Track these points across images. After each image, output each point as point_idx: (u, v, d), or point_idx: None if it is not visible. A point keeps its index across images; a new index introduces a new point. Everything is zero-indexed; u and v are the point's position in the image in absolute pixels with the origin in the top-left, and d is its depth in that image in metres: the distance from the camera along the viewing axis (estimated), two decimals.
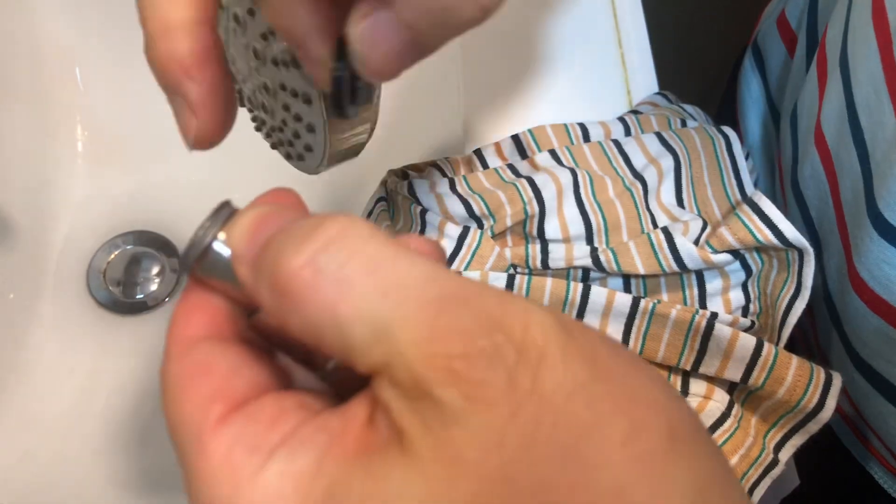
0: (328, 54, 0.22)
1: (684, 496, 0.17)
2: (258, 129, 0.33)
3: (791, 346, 0.43)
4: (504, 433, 0.16)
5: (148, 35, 0.23)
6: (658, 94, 0.51)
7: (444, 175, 0.45)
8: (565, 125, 0.47)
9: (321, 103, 0.26)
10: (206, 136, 0.24)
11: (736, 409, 0.41)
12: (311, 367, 0.22)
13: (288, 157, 0.30)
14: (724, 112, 0.61)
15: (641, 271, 0.41)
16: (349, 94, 0.23)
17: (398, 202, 0.46)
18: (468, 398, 0.16)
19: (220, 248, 0.21)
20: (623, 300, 0.40)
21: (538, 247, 0.42)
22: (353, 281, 0.17)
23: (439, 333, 0.16)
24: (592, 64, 0.52)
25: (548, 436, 0.16)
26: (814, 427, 0.40)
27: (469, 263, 0.42)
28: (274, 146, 0.31)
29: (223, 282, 0.21)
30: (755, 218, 0.41)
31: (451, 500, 0.16)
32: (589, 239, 0.43)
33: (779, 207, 0.41)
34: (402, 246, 0.18)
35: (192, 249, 0.21)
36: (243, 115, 0.26)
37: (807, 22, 0.46)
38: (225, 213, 0.21)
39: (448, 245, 0.42)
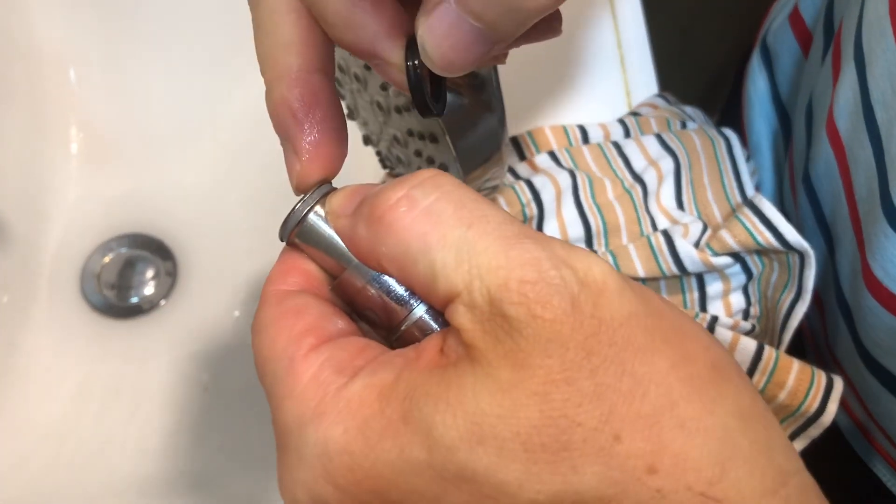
0: (396, 54, 0.23)
1: (730, 418, 0.19)
2: None
3: (800, 347, 0.43)
4: (566, 345, 0.18)
5: (265, 83, 0.24)
6: (658, 95, 0.51)
7: None
8: (564, 127, 0.47)
9: (446, 138, 0.27)
10: (308, 182, 0.25)
11: None
12: (382, 332, 0.23)
13: None
14: (729, 111, 0.60)
15: (641, 274, 0.41)
16: (428, 90, 0.23)
17: None
18: (535, 315, 0.18)
19: (317, 218, 0.23)
20: None
21: None
22: (442, 212, 0.20)
23: (514, 262, 0.19)
24: (592, 65, 0.52)
25: (605, 351, 0.18)
26: (815, 431, 0.40)
27: None
28: None
29: (317, 249, 0.23)
30: (755, 220, 0.41)
31: (519, 398, 0.18)
32: (588, 241, 0.42)
33: (788, 205, 0.41)
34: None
35: (291, 218, 0.24)
36: (235, 124, 0.26)
37: (824, 19, 0.46)
38: (323, 190, 0.24)
39: None
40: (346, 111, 0.44)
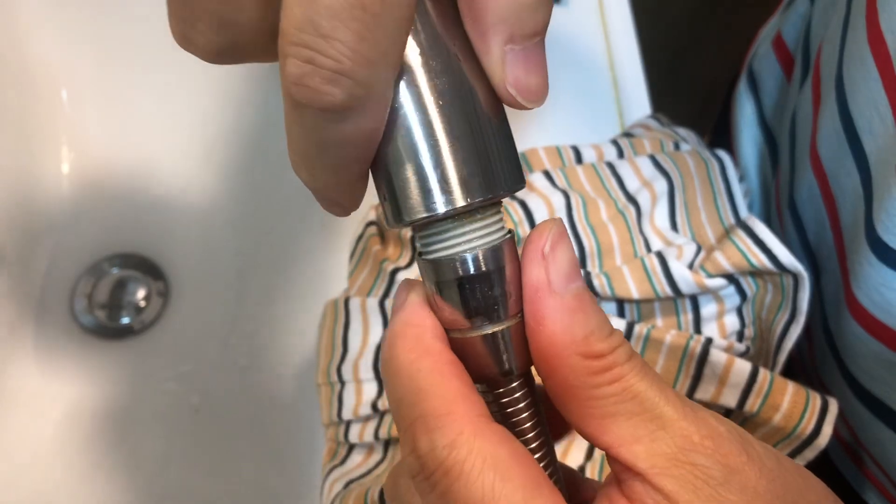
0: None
1: None
2: None
3: (790, 372, 0.43)
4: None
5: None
6: (651, 116, 0.51)
7: None
8: (557, 148, 0.47)
9: None
10: None
11: None
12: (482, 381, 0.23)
13: None
14: (718, 134, 0.61)
15: (636, 296, 0.41)
16: None
17: (388, 230, 0.46)
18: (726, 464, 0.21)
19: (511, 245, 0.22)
20: (617, 325, 0.39)
21: None
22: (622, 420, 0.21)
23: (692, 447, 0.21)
24: (585, 86, 0.52)
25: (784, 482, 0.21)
26: (810, 454, 0.39)
27: None
28: None
29: (487, 281, 0.21)
30: (749, 241, 0.41)
31: None
32: (582, 262, 0.42)
33: (775, 230, 0.41)
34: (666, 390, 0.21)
35: (480, 234, 0.21)
36: (226, 145, 0.25)
37: (802, 42, 0.46)
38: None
39: None
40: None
